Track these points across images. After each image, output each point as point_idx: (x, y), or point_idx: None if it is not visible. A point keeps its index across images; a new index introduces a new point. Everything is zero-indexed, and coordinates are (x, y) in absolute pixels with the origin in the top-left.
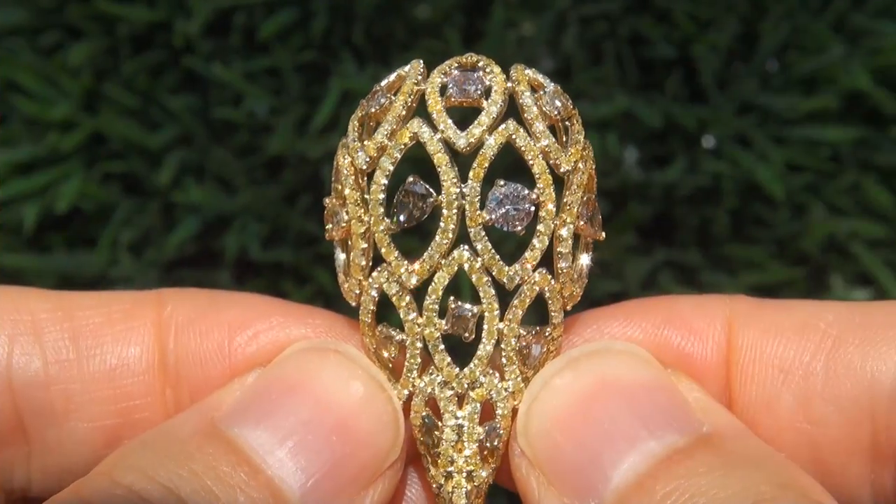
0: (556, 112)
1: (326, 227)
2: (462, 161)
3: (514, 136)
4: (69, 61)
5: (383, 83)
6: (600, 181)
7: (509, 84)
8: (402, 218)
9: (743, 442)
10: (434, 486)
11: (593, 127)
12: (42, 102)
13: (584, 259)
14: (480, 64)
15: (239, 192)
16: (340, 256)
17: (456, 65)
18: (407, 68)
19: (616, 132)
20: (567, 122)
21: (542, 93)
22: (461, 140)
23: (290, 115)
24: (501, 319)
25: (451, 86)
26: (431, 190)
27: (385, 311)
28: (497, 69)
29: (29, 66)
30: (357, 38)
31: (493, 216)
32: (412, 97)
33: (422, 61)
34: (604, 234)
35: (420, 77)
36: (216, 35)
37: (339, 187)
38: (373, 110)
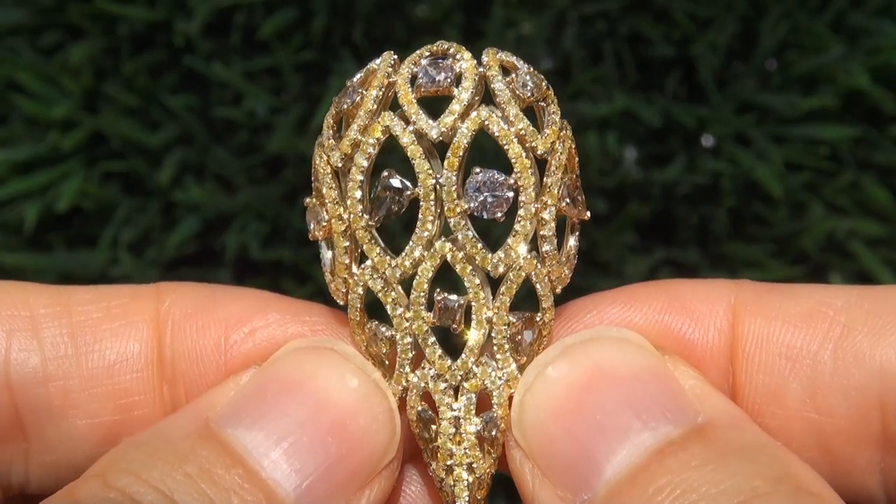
0: (529, 94)
1: (309, 227)
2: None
3: (486, 123)
4: (69, 61)
5: (355, 79)
6: (600, 180)
7: (480, 69)
8: (380, 213)
9: (739, 432)
10: (436, 480)
11: (593, 126)
12: (42, 102)
13: (571, 240)
14: (451, 51)
15: (239, 191)
16: (326, 255)
17: (427, 53)
18: (378, 61)
19: (615, 131)
20: (543, 103)
21: (514, 75)
22: (433, 130)
23: (290, 115)
24: (490, 308)
25: (420, 76)
26: (408, 183)
27: (380, 309)
28: (467, 55)
29: (29, 65)
30: (357, 37)
31: (472, 204)
32: (383, 90)
33: (393, 53)
34: (588, 213)
35: (391, 69)
36: (216, 35)
37: (318, 186)
38: (345, 107)
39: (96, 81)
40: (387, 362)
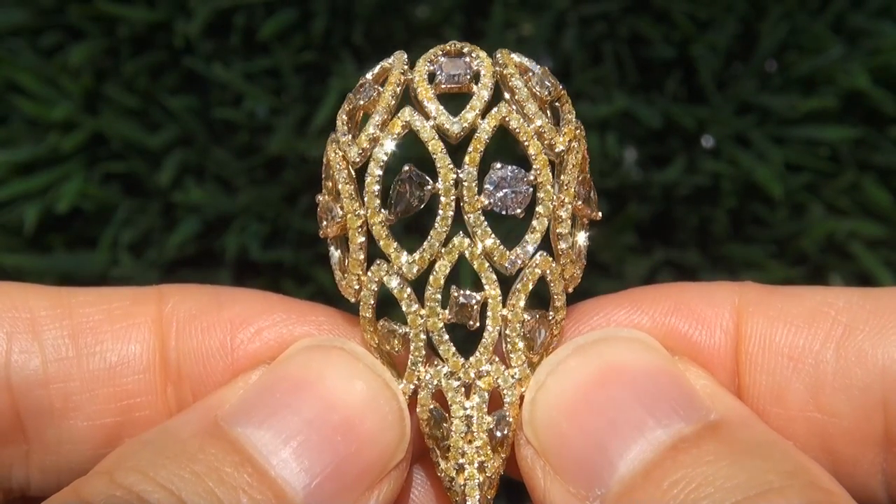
0: (546, 93)
1: (320, 224)
2: (456, 150)
3: (507, 119)
4: (70, 62)
5: (369, 76)
6: (600, 181)
7: (497, 68)
8: (399, 208)
9: (751, 429)
10: (445, 480)
11: (593, 127)
12: (43, 103)
13: (581, 239)
14: (466, 50)
15: (239, 192)
16: (335, 254)
17: (441, 52)
18: (391, 60)
19: (615, 132)
20: (557, 103)
21: (530, 74)
22: (455, 126)
23: (290, 115)
24: (504, 305)
25: (439, 73)
26: (428, 178)
27: (385, 309)
28: (483, 54)
29: (29, 66)
30: (357, 38)
31: (492, 200)
32: (400, 87)
33: (405, 52)
34: (600, 213)
35: (405, 67)
36: (216, 35)
37: (331, 183)
38: (361, 103)
39: (96, 82)
40: (394, 361)
